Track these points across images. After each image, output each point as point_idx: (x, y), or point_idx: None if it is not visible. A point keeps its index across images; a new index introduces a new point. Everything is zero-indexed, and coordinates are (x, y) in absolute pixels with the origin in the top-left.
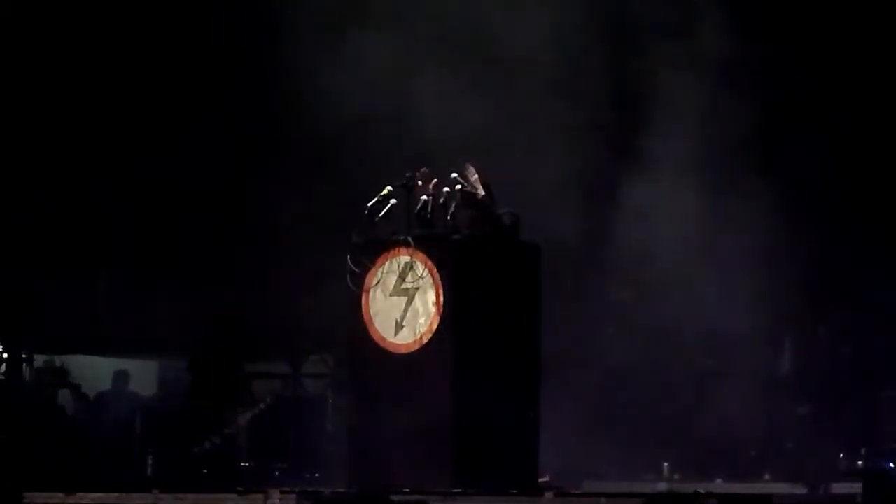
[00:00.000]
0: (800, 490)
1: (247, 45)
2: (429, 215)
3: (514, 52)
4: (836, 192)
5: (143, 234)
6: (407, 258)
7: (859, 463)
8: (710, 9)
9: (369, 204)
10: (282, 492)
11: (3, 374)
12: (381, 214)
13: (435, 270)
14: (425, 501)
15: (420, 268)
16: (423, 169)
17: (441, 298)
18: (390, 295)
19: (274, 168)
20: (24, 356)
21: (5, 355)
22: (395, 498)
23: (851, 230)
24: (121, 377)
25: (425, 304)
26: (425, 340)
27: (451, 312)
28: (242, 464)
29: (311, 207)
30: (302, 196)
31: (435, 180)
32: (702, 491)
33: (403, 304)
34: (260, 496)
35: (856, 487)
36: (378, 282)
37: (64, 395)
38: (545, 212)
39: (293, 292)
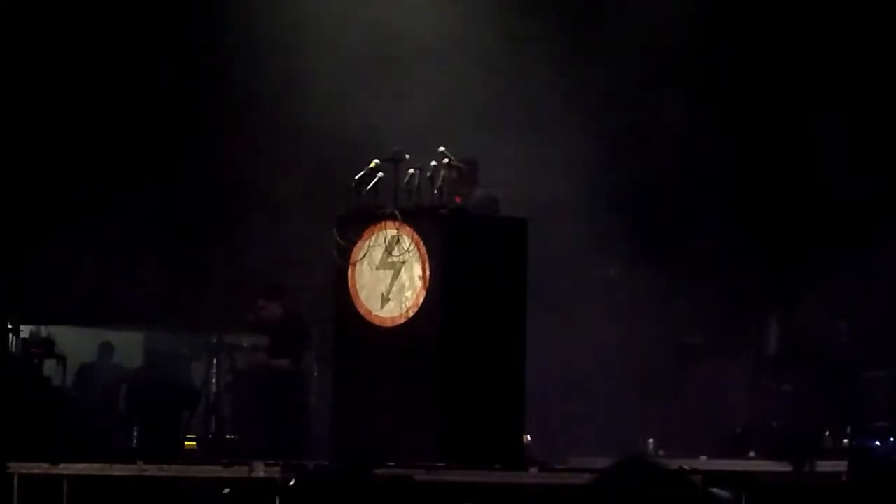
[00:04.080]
0: (785, 468)
1: (234, 13)
2: (416, 189)
3: None
4: (825, 168)
5: (130, 204)
6: (393, 231)
7: (844, 441)
8: None
9: (356, 177)
10: (266, 464)
11: None
12: (368, 188)
13: (421, 244)
14: (409, 475)
15: (406, 241)
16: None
17: (427, 272)
18: (376, 268)
19: (256, 141)
20: (9, 327)
21: None
22: (379, 471)
23: (839, 208)
24: (105, 349)
25: (411, 278)
26: (411, 314)
27: (437, 286)
28: (228, 437)
29: (297, 178)
30: (286, 166)
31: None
32: (686, 468)
33: (390, 278)
34: (244, 468)
35: (841, 465)
36: (364, 255)
37: (50, 366)
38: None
39: (276, 264)
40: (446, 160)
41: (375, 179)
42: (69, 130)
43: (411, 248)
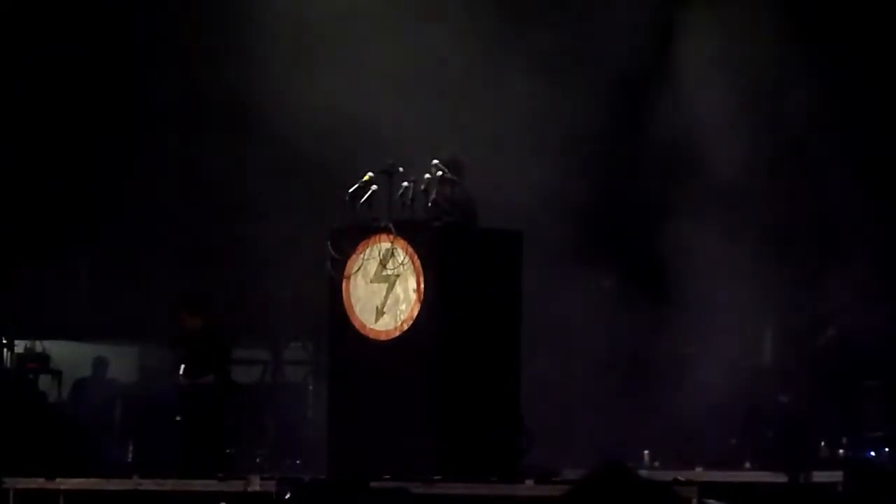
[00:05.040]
0: (780, 479)
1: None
2: (410, 202)
3: None
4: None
5: (123, 219)
6: (388, 245)
7: (840, 452)
8: None
9: (350, 190)
10: (262, 478)
11: None
12: (362, 200)
13: (416, 257)
14: (405, 488)
15: (401, 254)
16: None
17: (422, 285)
18: (371, 281)
19: (251, 153)
20: (4, 342)
21: None
22: (374, 484)
23: (835, 214)
24: (100, 363)
25: (406, 291)
26: (406, 327)
27: (431, 300)
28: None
29: (291, 193)
30: (281, 181)
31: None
32: (681, 479)
33: (384, 291)
34: (240, 482)
35: (837, 476)
36: (359, 268)
37: (45, 381)
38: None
39: (273, 278)
40: (440, 173)
41: (369, 192)
42: (64, 145)
43: (406, 261)
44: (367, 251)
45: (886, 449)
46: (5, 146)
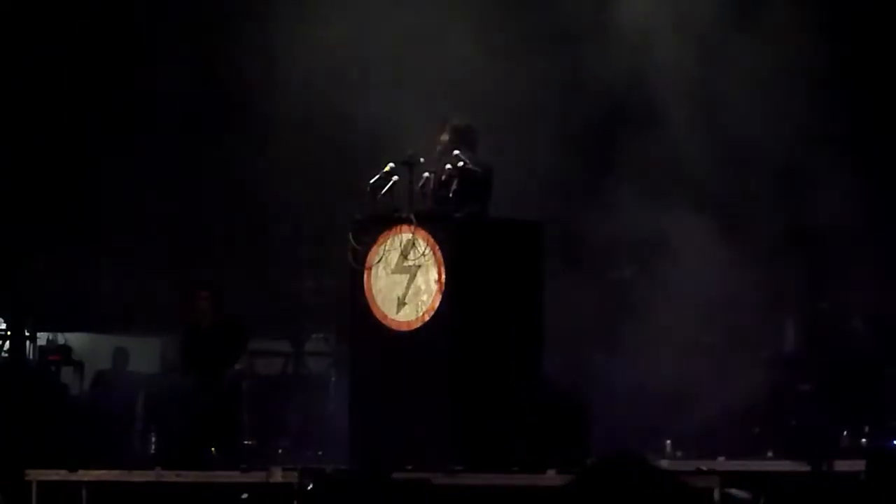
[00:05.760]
0: (803, 468)
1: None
2: (431, 192)
3: None
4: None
5: (145, 211)
6: (409, 235)
7: (863, 441)
8: None
9: (371, 181)
10: (284, 469)
11: (7, 351)
12: (383, 191)
13: (437, 248)
14: (427, 479)
15: (422, 245)
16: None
17: (443, 276)
18: (392, 272)
19: (272, 143)
20: (26, 334)
21: (9, 332)
22: (396, 475)
23: (856, 205)
24: (120, 355)
25: (427, 282)
26: (427, 318)
27: (452, 290)
28: (245, 442)
29: (313, 184)
30: (302, 172)
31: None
32: (703, 468)
33: (405, 282)
34: (262, 474)
35: (859, 465)
36: (380, 259)
37: (67, 373)
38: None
39: (295, 270)
40: (461, 163)
41: (390, 183)
42: (86, 139)
43: (427, 252)
44: (389, 242)
45: None
46: (27, 140)
